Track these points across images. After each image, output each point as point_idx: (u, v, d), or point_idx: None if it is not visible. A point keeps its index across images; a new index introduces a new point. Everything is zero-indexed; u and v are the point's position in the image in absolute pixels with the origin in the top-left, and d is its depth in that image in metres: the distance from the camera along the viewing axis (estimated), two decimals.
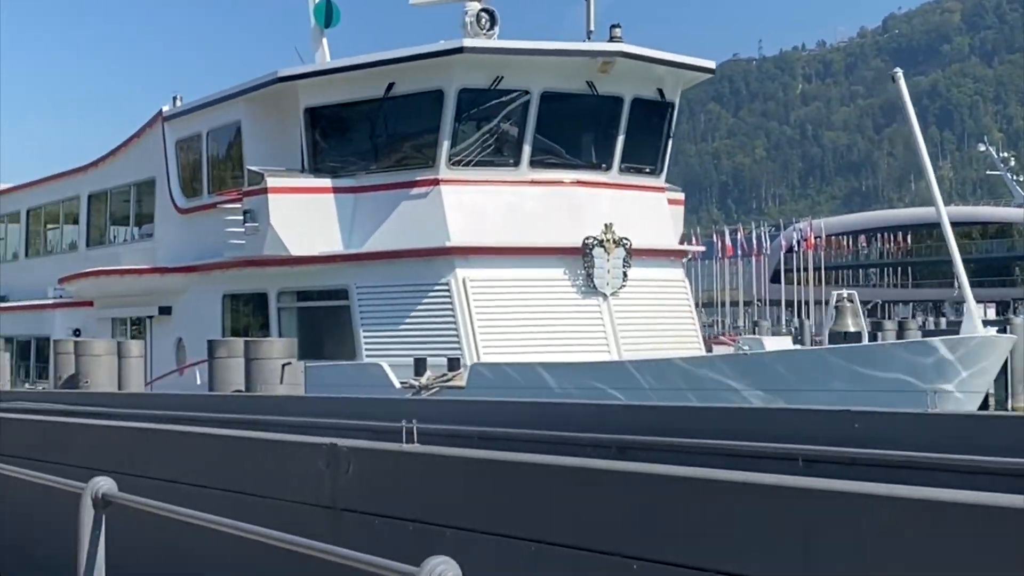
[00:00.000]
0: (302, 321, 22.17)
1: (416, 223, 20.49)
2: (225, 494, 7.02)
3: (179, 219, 25.16)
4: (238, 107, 23.09)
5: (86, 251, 29.46)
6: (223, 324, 23.51)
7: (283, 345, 17.58)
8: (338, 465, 6.30)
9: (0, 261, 35.13)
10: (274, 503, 6.73)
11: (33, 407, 19.79)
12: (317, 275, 21.47)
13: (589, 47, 20.35)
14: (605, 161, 21.35)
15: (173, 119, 25.29)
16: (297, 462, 6.68)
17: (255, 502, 6.83)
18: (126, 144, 27.56)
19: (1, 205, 34.63)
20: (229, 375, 18.21)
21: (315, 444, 6.55)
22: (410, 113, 20.74)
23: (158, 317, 25.53)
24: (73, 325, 28.58)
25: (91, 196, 29.38)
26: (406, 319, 20.38)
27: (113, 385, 22.37)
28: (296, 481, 6.61)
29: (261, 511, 6.74)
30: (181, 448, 7.61)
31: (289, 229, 21.09)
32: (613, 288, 20.27)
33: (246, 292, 23.11)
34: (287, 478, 6.71)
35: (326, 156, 21.84)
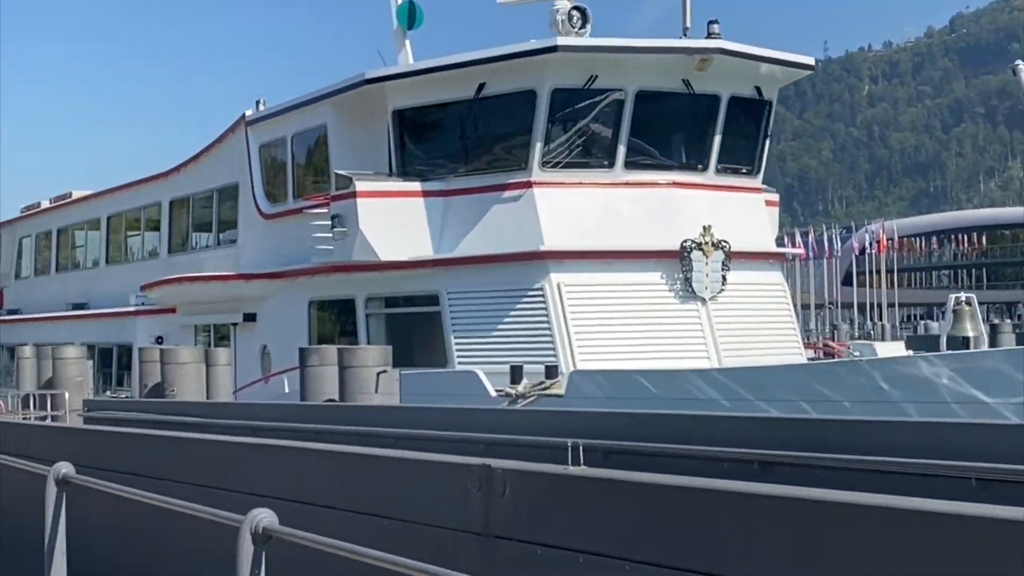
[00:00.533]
0: (390, 328, 21.76)
1: (508, 227, 19.99)
2: (359, 517, 6.53)
3: (263, 225, 24.88)
4: (324, 110, 22.75)
5: (168, 258, 29.31)
6: (309, 331, 23.16)
7: (378, 353, 17.15)
8: (492, 488, 5.78)
9: (80, 268, 35.19)
10: (416, 528, 6.23)
11: (123, 416, 19.58)
12: (406, 281, 21.05)
13: (686, 44, 19.73)
14: (701, 162, 20.72)
15: (256, 123, 25.02)
16: (443, 483, 6.17)
17: (393, 526, 6.34)
18: (208, 149, 27.37)
19: (81, 212, 34.68)
20: (321, 384, 17.82)
21: (465, 464, 6.03)
22: (501, 114, 20.25)
23: (242, 324, 25.25)
24: (155, 332, 28.43)
25: (173, 202, 29.23)
26: (498, 325, 19.88)
27: (199, 394, 22.11)
28: (442, 504, 6.10)
29: (401, 535, 6.25)
30: (312, 466, 7.13)
31: (378, 234, 20.69)
32: (712, 292, 19.63)
33: (333, 298, 22.75)
34: (431, 500, 6.20)
35: (414, 159, 21.41)
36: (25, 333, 35.25)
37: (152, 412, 18.62)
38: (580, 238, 19.63)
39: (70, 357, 26.85)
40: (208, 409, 16.67)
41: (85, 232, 34.89)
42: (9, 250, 40.53)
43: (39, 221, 37.91)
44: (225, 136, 26.41)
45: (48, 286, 36.53)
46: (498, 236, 20.04)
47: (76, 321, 31.78)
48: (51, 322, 33.19)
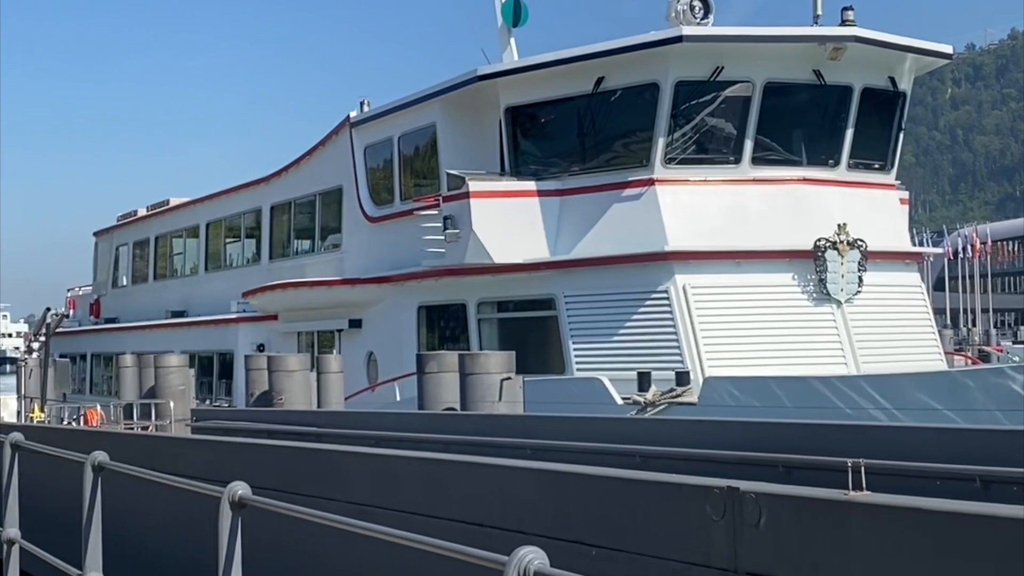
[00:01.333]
0: (503, 333, 20.98)
1: (629, 226, 19.11)
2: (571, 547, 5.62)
3: (369, 228, 24.26)
4: (433, 109, 22.07)
5: (269, 264, 28.86)
6: (418, 337, 22.48)
7: (501, 359, 16.35)
8: (741, 515, 4.88)
9: (178, 276, 34.96)
10: (640, 560, 5.33)
11: (234, 426, 19.01)
12: (521, 284, 20.26)
13: (819, 31, 18.71)
14: (832, 157, 19.66)
15: (361, 125, 24.43)
16: (673, 508, 5.27)
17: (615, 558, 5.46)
18: (310, 153, 26.85)
19: (179, 219, 34.44)
20: (441, 391, 17.08)
21: (703, 486, 5.14)
22: (621, 109, 19.38)
23: (347, 331, 24.66)
24: (257, 340, 27.99)
25: (273, 207, 28.77)
26: (619, 330, 19.00)
27: (308, 402, 21.53)
28: (674, 533, 5.22)
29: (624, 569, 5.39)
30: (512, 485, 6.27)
31: (492, 235, 19.93)
32: (848, 294, 18.56)
33: (443, 303, 22.04)
34: (659, 528, 5.31)
35: (528, 157, 20.64)
36: (124, 342, 35.08)
37: (265, 422, 18.03)
38: (706, 238, 18.68)
39: (172, 366, 26.50)
40: (331, 419, 15.99)
41: (183, 239, 34.64)
42: (106, 259, 40.50)
43: (136, 229, 37.80)
44: (328, 139, 25.86)
45: (146, 294, 36.36)
46: (618, 236, 19.17)
47: (175, 329, 31.48)
48: (150, 330, 32.94)
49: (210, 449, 9.12)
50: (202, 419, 20.68)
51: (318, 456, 8.40)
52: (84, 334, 38.57)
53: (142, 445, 11.23)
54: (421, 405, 17.16)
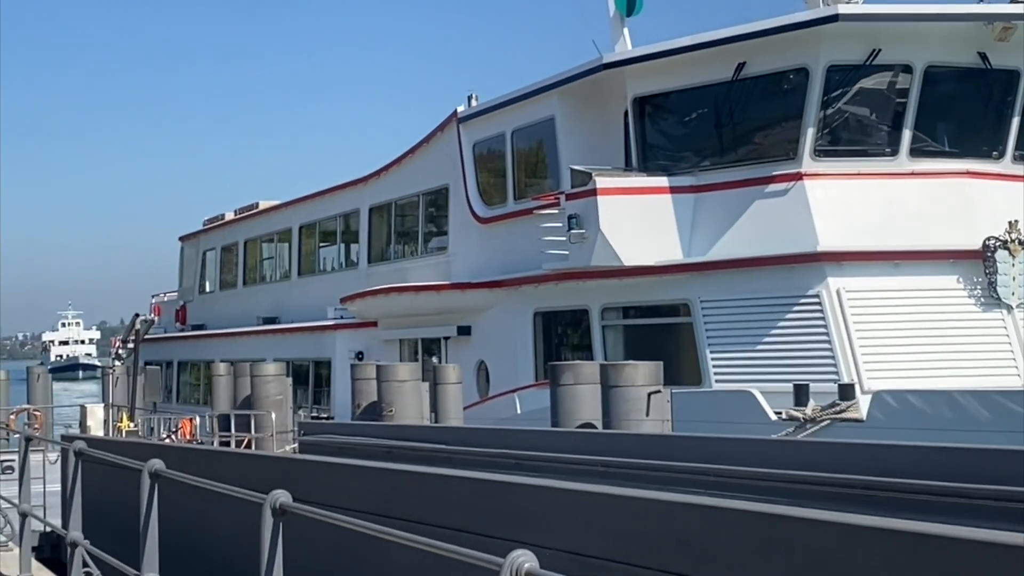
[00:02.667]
0: (629, 341, 19.49)
1: (774, 225, 17.52)
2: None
3: (479, 230, 22.87)
4: (551, 101, 20.63)
5: (367, 268, 27.58)
6: (534, 345, 21.05)
7: (648, 370, 14.83)
8: None
9: (269, 281, 33.84)
10: None
11: (351, 442, 17.68)
12: (651, 288, 18.75)
13: (987, 10, 17.00)
14: (996, 148, 17.92)
15: (470, 120, 23.05)
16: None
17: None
18: (412, 151, 25.54)
19: (270, 223, 33.31)
20: (577, 405, 15.59)
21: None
22: (766, 97, 17.81)
23: (455, 338, 23.28)
24: (355, 347, 26.71)
25: (372, 209, 27.49)
26: (764, 338, 17.40)
27: (420, 415, 20.19)
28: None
29: None
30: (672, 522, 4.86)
31: (621, 235, 18.45)
32: (1020, 298, 16.81)
33: (562, 309, 20.59)
34: None
35: (658, 151, 19.14)
36: (212, 349, 34.05)
37: (384, 438, 16.68)
38: (861, 237, 17.04)
39: (269, 374, 25.29)
40: (460, 437, 14.58)
41: (274, 243, 33.49)
42: (192, 264, 39.55)
43: (224, 234, 36.78)
44: (433, 136, 24.52)
45: (234, 300, 35.31)
46: (761, 236, 17.59)
47: (268, 336, 30.32)
48: (241, 337, 31.83)
49: (375, 478, 7.69)
50: (311, 433, 19.42)
51: (495, 490, 6.92)
52: (170, 341, 37.62)
53: (278, 467, 9.95)
54: (555, 420, 15.69)
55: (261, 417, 23.45)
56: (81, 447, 8.72)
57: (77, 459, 8.67)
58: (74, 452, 8.63)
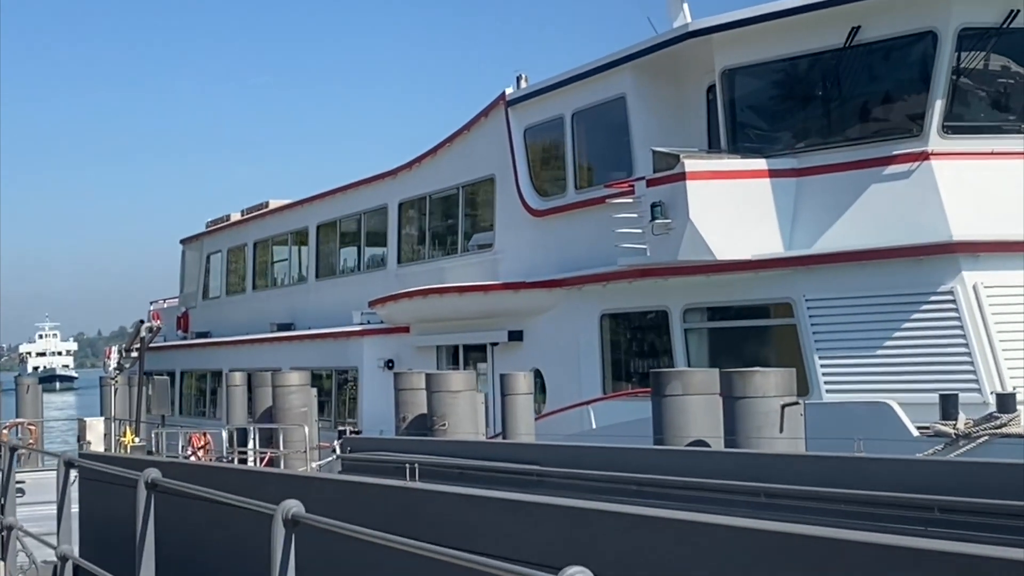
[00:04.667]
0: (716, 345, 17.24)
1: (895, 212, 15.30)
2: None
3: (532, 223, 20.58)
4: (622, 78, 18.38)
5: (397, 269, 25.25)
6: (601, 351, 18.76)
7: (781, 378, 12.53)
8: None
9: (282, 285, 31.42)
10: None
11: (398, 459, 15.36)
12: (745, 285, 16.50)
13: None
14: None
15: (521, 103, 20.78)
16: None
17: None
18: (450, 140, 23.24)
19: (284, 222, 30.90)
20: (685, 419, 13.30)
21: None
22: (884, 66, 15.59)
23: (505, 344, 20.97)
24: (384, 355, 24.38)
25: (402, 204, 25.16)
26: (886, 341, 15.15)
27: (476, 429, 17.89)
28: None
29: None
30: None
31: (713, 226, 16.19)
32: None
33: (636, 310, 18.32)
34: None
35: (751, 131, 16.91)
36: (220, 358, 31.65)
37: (448, 455, 14.35)
38: (1000, 224, 14.82)
39: (292, 385, 22.97)
40: (554, 456, 12.27)
41: (289, 245, 31.07)
42: (194, 269, 37.10)
43: (230, 235, 34.35)
44: (475, 121, 22.23)
45: (243, 306, 32.88)
46: (879, 225, 15.37)
47: (284, 343, 27.92)
48: (254, 345, 29.41)
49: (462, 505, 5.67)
50: (356, 449, 17.07)
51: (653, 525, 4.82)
52: (172, 350, 35.11)
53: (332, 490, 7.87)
54: (659, 436, 13.40)
55: (293, 431, 21.15)
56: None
57: (150, 493, 7.31)
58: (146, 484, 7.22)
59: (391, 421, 23.48)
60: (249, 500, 5.21)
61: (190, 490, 6.46)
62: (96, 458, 11.66)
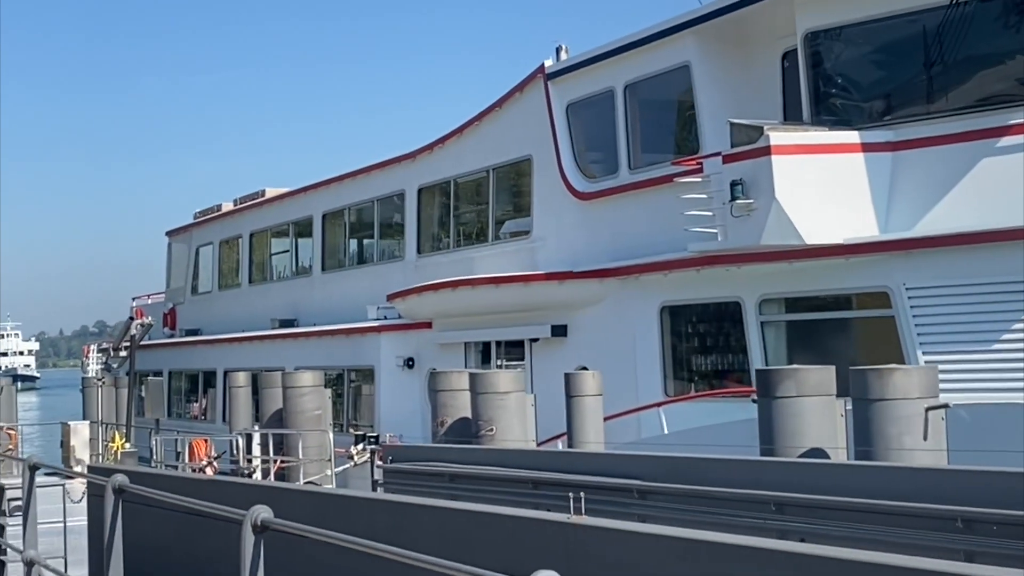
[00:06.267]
0: (797, 341, 15.56)
1: (1007, 189, 13.65)
2: None
3: (576, 208, 18.84)
4: (684, 44, 16.68)
5: (416, 259, 23.42)
6: (661, 347, 17.04)
7: (924, 377, 10.85)
8: None
9: (283, 279, 29.48)
10: None
11: (449, 469, 13.59)
12: (834, 272, 14.81)
13: None
14: None
15: (562, 76, 19.03)
16: None
17: None
18: (479, 118, 21.44)
19: (284, 212, 28.96)
20: (799, 424, 11.60)
21: None
22: (996, 25, 13.93)
23: (546, 340, 19.20)
24: (404, 353, 22.57)
25: (422, 190, 23.33)
26: (1003, 335, 13.52)
27: (525, 434, 16.14)
28: None
29: None
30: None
31: (801, 206, 14.51)
32: None
33: (702, 301, 16.61)
34: None
35: (837, 101, 15.24)
36: (214, 357, 29.71)
37: (523, 467, 12.57)
38: None
39: (305, 386, 21.14)
40: (657, 468, 10.51)
41: (289, 236, 29.13)
42: (182, 262, 35.07)
43: (222, 226, 32.37)
44: (509, 97, 20.45)
45: (238, 301, 30.91)
46: (988, 204, 13.72)
47: (289, 341, 26.02)
48: (253, 343, 27.50)
49: None
50: (398, 459, 15.25)
51: None
52: (159, 348, 33.08)
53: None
54: (766, 445, 11.69)
55: (315, 437, 19.33)
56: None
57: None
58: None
59: (411, 424, 21.70)
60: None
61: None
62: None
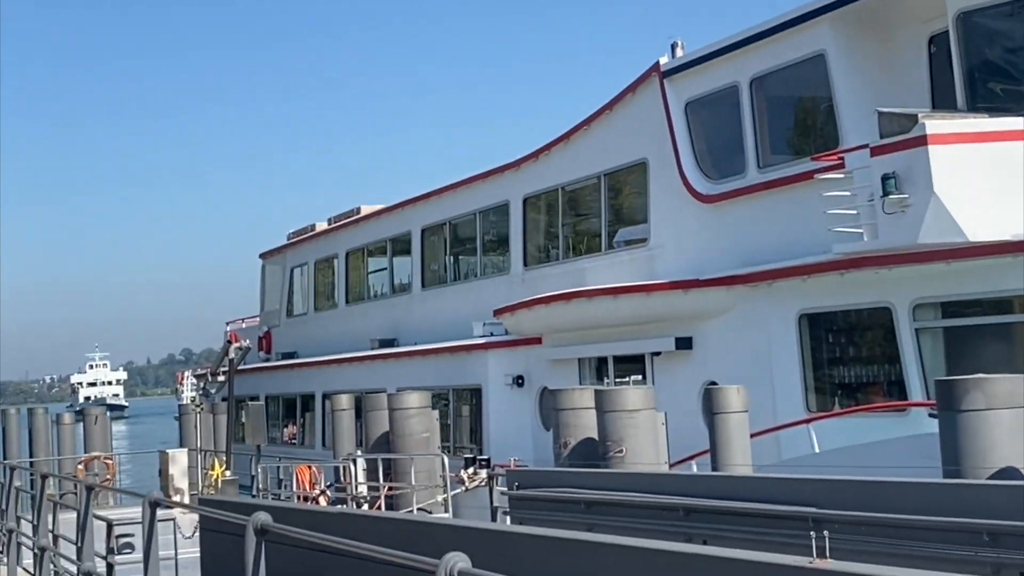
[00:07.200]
0: (956, 349, 14.20)
1: None
2: None
3: (698, 211, 17.67)
4: (820, 32, 15.45)
5: (523, 272, 22.38)
6: (801, 359, 15.77)
7: None
8: None
9: (380, 297, 28.63)
10: None
11: (591, 496, 12.47)
12: (999, 273, 13.43)
13: None
14: None
15: (680, 72, 17.91)
16: None
17: None
18: (587, 123, 20.38)
19: (381, 229, 28.10)
20: (989, 441, 10.29)
21: None
22: None
23: (669, 354, 18.02)
24: (513, 371, 21.54)
25: (527, 200, 22.32)
26: None
27: (657, 455, 14.96)
28: None
29: None
30: None
31: (962, 200, 13.20)
32: None
33: (846, 308, 15.33)
34: None
35: (996, 86, 13.93)
36: (312, 380, 28.98)
37: (669, 493, 11.41)
38: None
39: (412, 407, 20.20)
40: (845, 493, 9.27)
41: (387, 254, 28.27)
42: (276, 284, 34.46)
43: (317, 246, 31.68)
44: (621, 98, 19.36)
45: (335, 322, 30.15)
46: None
47: (390, 361, 25.12)
48: (352, 364, 26.68)
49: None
50: (525, 485, 14.16)
51: None
52: (257, 372, 32.44)
53: None
54: (951, 467, 10.39)
55: (407, 462, 18.39)
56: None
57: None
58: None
59: (522, 446, 20.63)
60: None
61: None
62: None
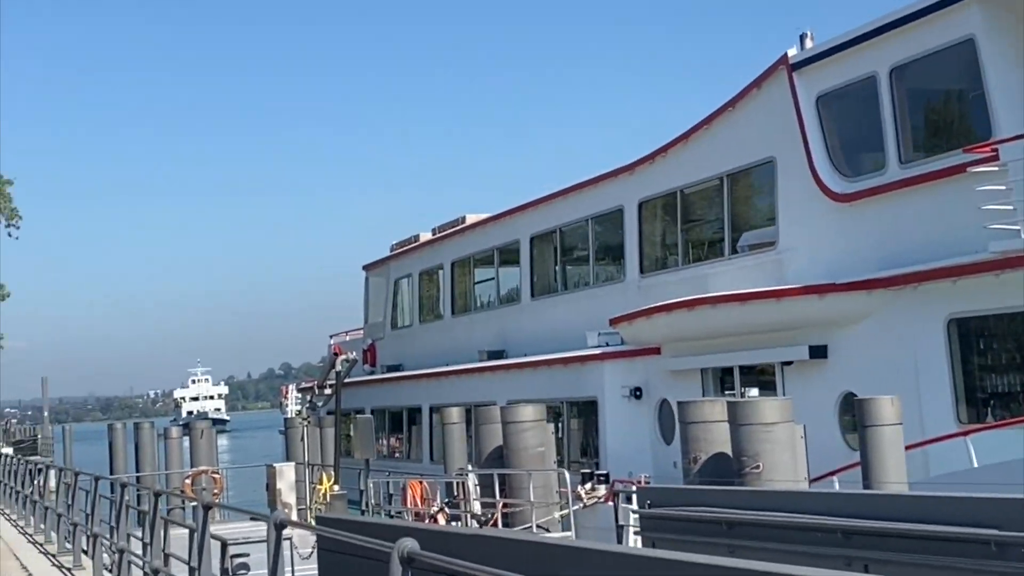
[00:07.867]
0: None
1: None
2: None
3: (833, 211, 16.67)
4: (967, 16, 14.42)
5: (639, 280, 21.52)
6: (951, 368, 14.67)
7: None
8: None
9: (488, 308, 27.97)
10: None
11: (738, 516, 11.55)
12: None
13: None
14: None
15: (810, 65, 16.95)
16: None
17: None
18: (707, 122, 19.49)
19: (487, 238, 27.44)
20: None
21: None
22: None
23: (802, 363, 17.01)
24: (630, 383, 20.68)
25: (642, 204, 21.46)
26: None
27: (795, 471, 14.02)
28: None
29: None
30: None
31: None
32: None
33: (1002, 312, 14.21)
34: None
35: None
36: (419, 393, 28.39)
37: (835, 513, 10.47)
38: None
39: (526, 420, 19.50)
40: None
41: (494, 263, 27.61)
42: (380, 296, 34.01)
43: (421, 257, 31.16)
44: (746, 94, 18.44)
45: (441, 334, 29.56)
46: None
47: (500, 373, 24.40)
48: (460, 377, 26.01)
49: None
50: (657, 504, 13.30)
51: None
52: (362, 385, 31.97)
53: None
54: None
55: (523, 478, 17.63)
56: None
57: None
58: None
59: (641, 460, 19.73)
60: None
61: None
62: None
